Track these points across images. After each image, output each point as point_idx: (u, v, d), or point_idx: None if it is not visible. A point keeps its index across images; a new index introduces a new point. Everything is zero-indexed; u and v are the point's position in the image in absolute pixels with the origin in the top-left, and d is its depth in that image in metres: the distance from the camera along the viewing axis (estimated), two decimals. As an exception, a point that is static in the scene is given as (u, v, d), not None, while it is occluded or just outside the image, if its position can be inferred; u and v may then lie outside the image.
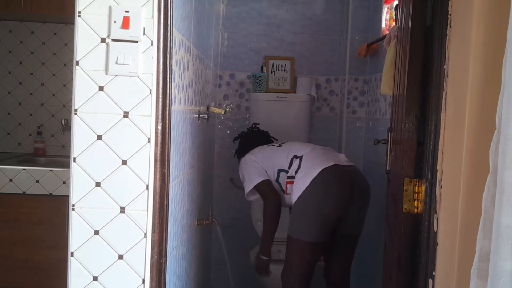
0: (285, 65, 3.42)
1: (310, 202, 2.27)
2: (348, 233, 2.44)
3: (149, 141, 1.39)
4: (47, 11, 2.59)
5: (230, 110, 3.43)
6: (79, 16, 1.38)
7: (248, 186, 2.51)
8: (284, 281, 2.40)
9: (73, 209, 1.41)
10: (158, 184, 1.40)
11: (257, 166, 2.51)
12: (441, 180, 1.38)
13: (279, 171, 2.45)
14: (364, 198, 2.39)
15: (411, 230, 1.54)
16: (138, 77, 1.38)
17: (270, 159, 2.50)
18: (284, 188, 2.43)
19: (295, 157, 2.40)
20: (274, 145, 2.59)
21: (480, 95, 1.20)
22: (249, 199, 2.60)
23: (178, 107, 1.73)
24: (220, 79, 3.43)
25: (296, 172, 2.34)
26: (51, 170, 2.33)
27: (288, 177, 2.39)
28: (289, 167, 2.40)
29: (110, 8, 1.37)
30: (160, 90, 1.39)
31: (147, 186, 1.40)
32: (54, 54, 2.90)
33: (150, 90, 1.39)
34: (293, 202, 2.33)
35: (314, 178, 2.25)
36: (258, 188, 2.50)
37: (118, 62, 1.37)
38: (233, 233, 3.34)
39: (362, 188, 2.38)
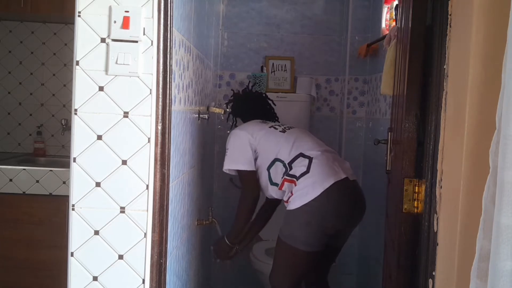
0: (285, 65, 3.42)
1: (316, 214, 2.16)
2: (336, 244, 2.40)
3: (149, 141, 1.39)
4: (47, 11, 2.59)
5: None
6: (79, 16, 1.38)
7: (229, 165, 2.39)
8: (274, 285, 2.31)
9: (73, 209, 1.41)
10: (158, 184, 1.40)
11: (247, 151, 2.35)
12: (441, 180, 1.38)
13: (276, 160, 2.30)
14: (360, 215, 2.36)
15: (411, 230, 1.54)
16: (138, 77, 1.38)
17: (270, 144, 2.34)
18: (276, 181, 2.31)
19: (303, 155, 2.25)
20: (277, 129, 2.40)
21: (480, 95, 1.20)
22: (227, 172, 2.44)
23: (178, 107, 1.73)
24: (220, 79, 3.43)
25: (302, 174, 2.21)
26: (51, 170, 2.33)
27: (289, 175, 2.24)
28: (291, 162, 2.26)
29: (110, 8, 1.37)
30: (160, 90, 1.39)
31: (147, 186, 1.40)
32: (54, 54, 2.90)
33: (150, 90, 1.39)
34: (292, 207, 2.18)
35: (325, 190, 2.14)
36: (240, 174, 2.39)
37: (118, 62, 1.37)
38: (233, 233, 3.34)
39: (361, 206, 2.34)
